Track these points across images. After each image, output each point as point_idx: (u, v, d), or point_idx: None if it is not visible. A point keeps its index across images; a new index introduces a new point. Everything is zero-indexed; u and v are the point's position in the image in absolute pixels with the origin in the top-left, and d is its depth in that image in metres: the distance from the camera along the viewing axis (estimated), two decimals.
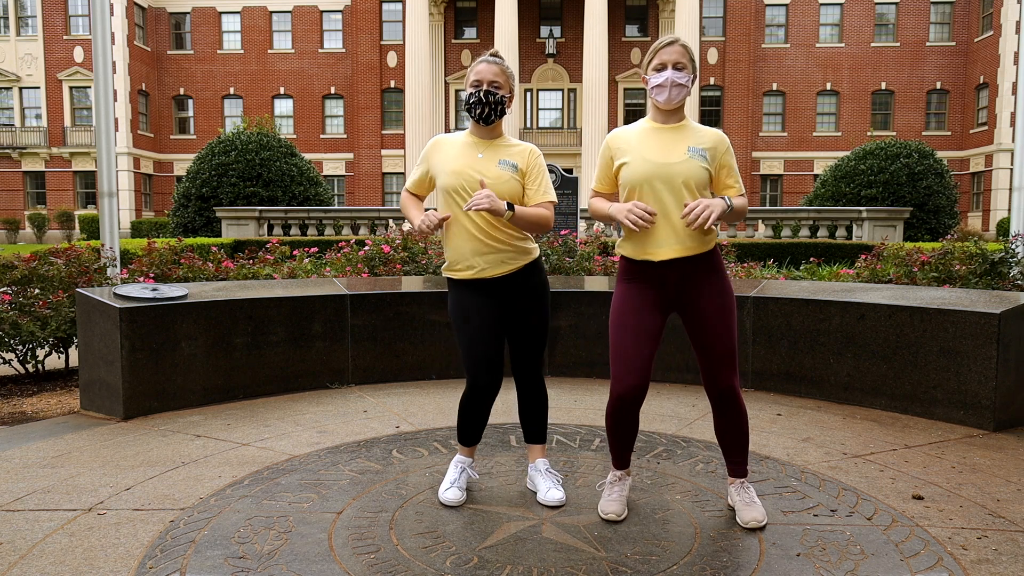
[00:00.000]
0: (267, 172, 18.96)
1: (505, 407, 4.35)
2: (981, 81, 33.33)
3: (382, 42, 35.32)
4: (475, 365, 2.77)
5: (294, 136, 36.35)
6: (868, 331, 4.32)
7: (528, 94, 35.38)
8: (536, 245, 2.90)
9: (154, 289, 4.46)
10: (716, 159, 2.62)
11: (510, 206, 2.65)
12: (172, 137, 37.48)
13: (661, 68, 2.58)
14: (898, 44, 34.81)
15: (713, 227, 2.63)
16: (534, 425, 2.98)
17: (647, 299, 2.63)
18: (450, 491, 2.86)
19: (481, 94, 2.74)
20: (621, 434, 2.75)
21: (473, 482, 3.06)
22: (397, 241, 7.30)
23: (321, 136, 36.77)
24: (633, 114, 35.13)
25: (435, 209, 2.84)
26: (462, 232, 2.77)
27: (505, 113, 2.79)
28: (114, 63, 33.31)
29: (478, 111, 2.75)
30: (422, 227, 2.67)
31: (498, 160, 2.77)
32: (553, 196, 2.80)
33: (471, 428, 2.91)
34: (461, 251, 2.77)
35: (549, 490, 2.85)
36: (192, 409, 4.30)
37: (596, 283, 5.51)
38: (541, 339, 2.89)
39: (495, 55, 2.83)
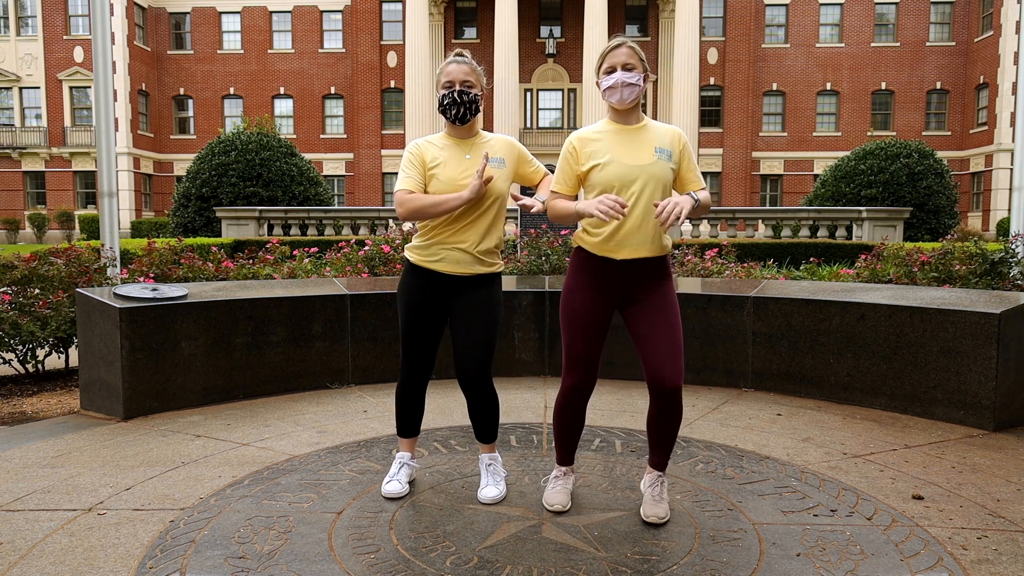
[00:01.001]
0: (267, 172, 18.96)
1: (504, 407, 4.36)
2: (981, 81, 33.33)
3: (382, 42, 35.32)
4: (407, 352, 2.89)
5: (294, 136, 36.36)
6: (868, 331, 4.32)
7: (528, 94, 35.39)
8: (500, 263, 2.93)
9: (154, 289, 4.46)
10: (677, 156, 2.68)
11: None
12: (172, 137, 37.48)
13: (611, 71, 2.64)
14: (898, 44, 34.82)
15: (670, 232, 2.67)
16: (481, 428, 2.98)
17: (599, 294, 2.69)
18: (390, 484, 2.92)
19: (455, 94, 2.76)
20: (568, 429, 2.84)
21: (474, 482, 3.07)
22: (397, 241, 7.30)
23: (321, 136, 36.77)
24: None
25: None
26: (447, 230, 2.79)
27: (479, 111, 2.82)
28: (114, 63, 33.32)
29: (454, 111, 2.77)
30: (476, 192, 2.68)
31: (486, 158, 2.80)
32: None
33: (406, 418, 2.99)
34: (430, 240, 2.82)
35: (486, 487, 2.91)
36: (192, 409, 4.30)
37: None
38: (483, 349, 2.84)
39: (461, 54, 2.85)
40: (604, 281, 2.68)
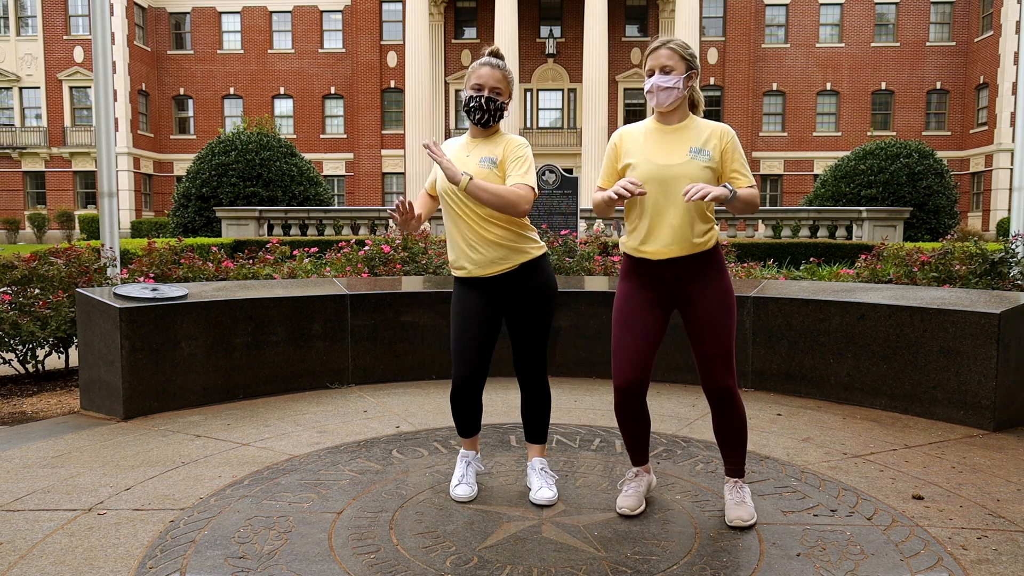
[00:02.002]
0: (267, 172, 18.95)
1: (505, 407, 4.35)
2: (981, 81, 33.33)
3: (382, 42, 35.31)
4: (454, 357, 2.88)
5: (294, 136, 36.35)
6: (868, 331, 4.32)
7: (528, 94, 35.38)
8: (540, 244, 2.91)
9: (154, 289, 4.46)
10: (718, 154, 2.63)
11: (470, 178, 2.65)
12: (172, 137, 37.48)
13: (650, 73, 2.65)
14: (898, 44, 34.81)
15: (713, 227, 2.69)
16: (532, 425, 3.00)
17: (647, 296, 2.69)
18: (460, 487, 2.91)
19: (482, 101, 2.76)
20: (630, 428, 2.79)
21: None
22: (397, 241, 7.30)
23: (321, 136, 36.76)
24: (633, 114, 35.13)
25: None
26: (455, 233, 2.84)
27: (503, 118, 2.84)
28: (114, 63, 33.31)
29: (477, 116, 2.79)
30: (398, 224, 2.73)
31: (480, 158, 2.79)
32: (530, 181, 2.72)
33: (463, 419, 2.98)
34: (455, 251, 2.86)
35: (540, 489, 2.88)
36: (192, 409, 4.30)
37: (596, 283, 5.51)
38: (538, 341, 2.89)
39: (496, 55, 2.84)
40: (649, 282, 2.69)
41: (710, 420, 4.08)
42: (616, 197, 2.53)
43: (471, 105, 2.78)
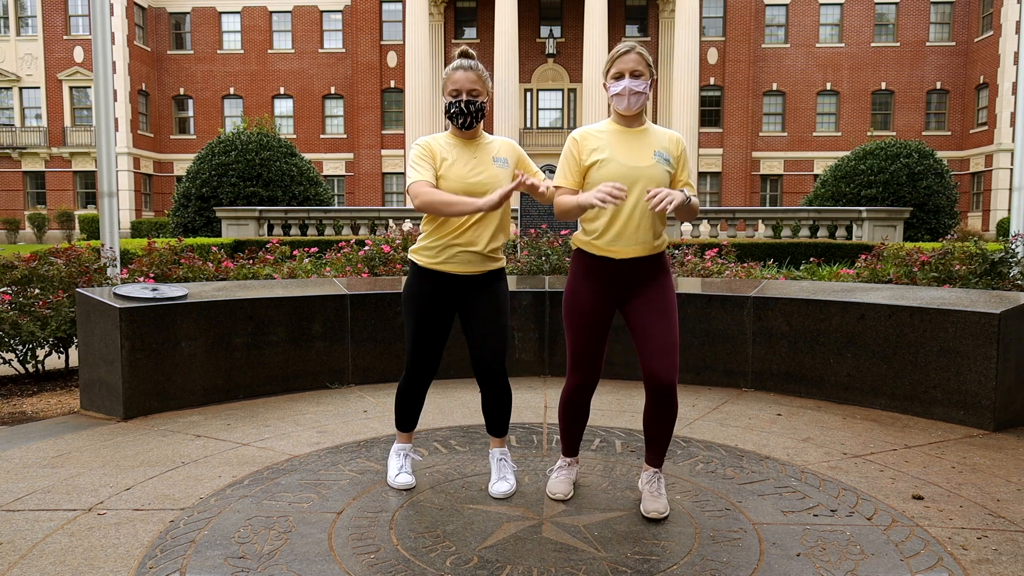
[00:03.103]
0: (267, 172, 18.96)
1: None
2: (981, 81, 33.33)
3: (382, 42, 35.32)
4: (418, 354, 2.93)
5: (294, 136, 36.35)
6: (868, 331, 4.32)
7: (528, 94, 35.38)
8: (503, 257, 2.98)
9: (154, 289, 4.46)
10: (675, 160, 2.73)
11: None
12: (172, 137, 37.48)
13: (619, 77, 2.67)
14: (898, 44, 34.81)
15: (665, 231, 2.76)
16: (495, 422, 3.04)
17: (599, 295, 2.74)
18: (400, 476, 3.03)
19: (462, 105, 2.80)
20: (573, 424, 2.91)
21: (474, 482, 3.08)
22: (397, 241, 7.30)
23: (321, 136, 36.76)
24: None
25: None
26: (456, 231, 2.82)
27: (484, 116, 2.88)
28: (114, 63, 33.31)
29: (460, 121, 2.82)
30: (493, 205, 2.58)
31: (491, 159, 2.87)
32: None
33: (410, 414, 3.07)
34: (440, 242, 2.84)
35: (497, 482, 2.97)
36: (192, 409, 4.30)
37: None
38: (503, 341, 2.93)
39: (466, 55, 2.85)
40: (604, 280, 2.72)
41: (710, 420, 4.09)
42: (600, 205, 2.42)
43: (452, 111, 2.81)
